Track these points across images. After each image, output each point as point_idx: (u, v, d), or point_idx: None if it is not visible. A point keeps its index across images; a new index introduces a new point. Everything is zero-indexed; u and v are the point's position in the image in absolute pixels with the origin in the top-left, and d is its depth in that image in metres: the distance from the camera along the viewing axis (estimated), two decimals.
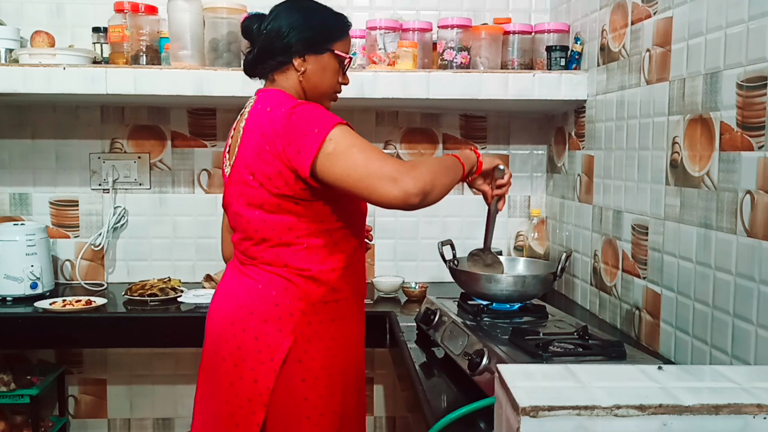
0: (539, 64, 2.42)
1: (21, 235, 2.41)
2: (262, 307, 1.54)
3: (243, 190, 1.56)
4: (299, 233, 1.53)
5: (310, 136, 1.44)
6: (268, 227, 1.54)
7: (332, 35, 1.61)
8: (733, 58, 1.45)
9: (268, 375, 1.51)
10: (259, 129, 1.52)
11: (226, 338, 1.57)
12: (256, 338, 1.53)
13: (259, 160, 1.51)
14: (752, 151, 1.38)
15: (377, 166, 1.40)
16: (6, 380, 2.45)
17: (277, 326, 1.52)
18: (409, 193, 1.38)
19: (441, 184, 1.47)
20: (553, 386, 0.93)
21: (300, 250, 1.54)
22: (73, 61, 2.28)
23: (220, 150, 2.70)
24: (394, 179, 1.38)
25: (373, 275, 2.73)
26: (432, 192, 1.43)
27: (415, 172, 1.40)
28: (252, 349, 1.53)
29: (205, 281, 2.56)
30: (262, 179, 1.51)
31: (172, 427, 2.82)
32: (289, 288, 1.54)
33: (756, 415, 0.87)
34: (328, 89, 1.64)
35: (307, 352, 1.54)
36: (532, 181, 2.79)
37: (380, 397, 2.85)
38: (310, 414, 1.54)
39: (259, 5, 2.41)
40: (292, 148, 1.46)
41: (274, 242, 1.55)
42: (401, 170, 1.39)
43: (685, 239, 1.64)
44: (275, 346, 1.52)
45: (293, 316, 1.53)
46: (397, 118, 2.75)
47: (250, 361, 1.52)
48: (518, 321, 1.73)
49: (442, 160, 1.56)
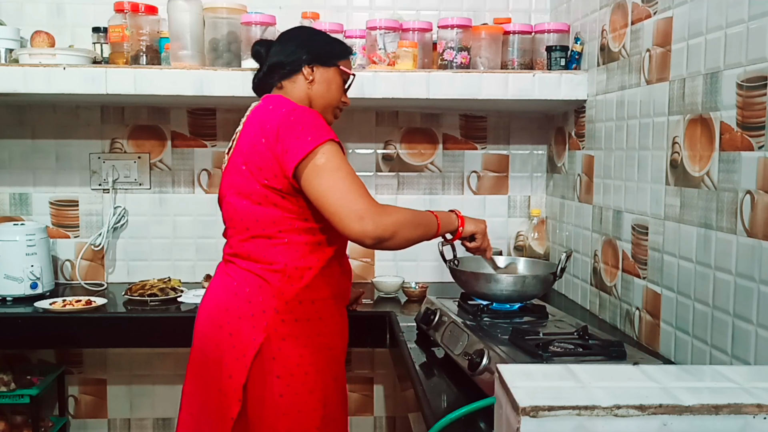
0: (539, 64, 2.42)
1: (21, 235, 2.41)
2: (236, 304, 1.60)
3: (235, 179, 1.63)
4: (282, 227, 1.59)
5: (301, 140, 1.51)
6: (253, 217, 1.60)
7: (337, 54, 1.75)
8: (733, 58, 1.45)
9: (241, 371, 1.57)
10: (258, 122, 1.60)
11: (208, 335, 1.64)
12: (231, 334, 1.59)
13: (253, 151, 1.58)
14: (752, 151, 1.38)
15: (352, 198, 1.49)
16: (6, 380, 2.45)
17: (250, 323, 1.58)
18: (366, 234, 1.48)
19: (403, 237, 1.56)
20: (553, 386, 0.93)
21: (280, 243, 1.59)
22: (73, 61, 2.28)
23: (220, 150, 2.70)
24: (360, 217, 1.47)
25: (373, 275, 2.73)
26: (390, 240, 1.52)
27: (381, 218, 1.49)
28: (228, 345, 1.59)
29: (205, 281, 2.56)
30: (252, 169, 1.58)
31: (172, 427, 2.82)
32: (262, 286, 1.59)
33: (756, 415, 0.87)
34: (332, 100, 1.73)
35: (282, 349, 1.58)
36: (532, 181, 2.79)
37: (380, 397, 2.85)
38: (287, 411, 1.58)
39: (259, 5, 2.43)
40: (281, 145, 1.53)
41: (256, 233, 1.60)
42: (371, 212, 1.48)
43: (685, 239, 1.64)
44: (247, 342, 1.57)
45: (266, 314, 1.58)
46: (397, 118, 2.75)
47: (226, 358, 1.59)
48: (518, 321, 1.73)
49: (418, 216, 1.64)
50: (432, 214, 1.69)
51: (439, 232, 1.70)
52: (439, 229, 1.69)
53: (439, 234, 1.72)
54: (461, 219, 1.75)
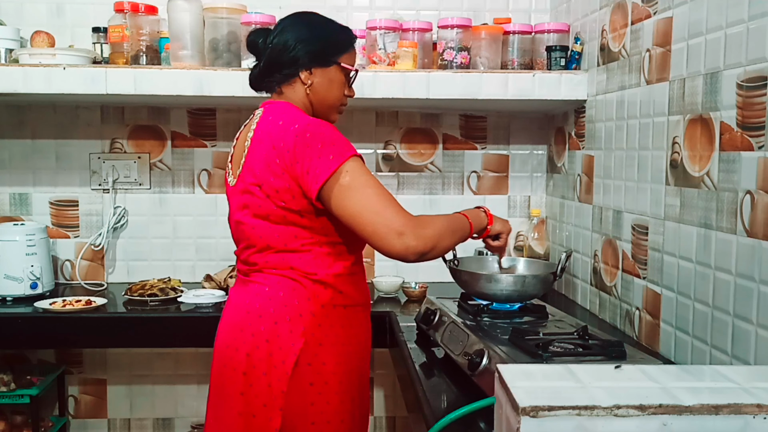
0: (539, 64, 2.42)
1: (21, 235, 2.41)
2: (271, 308, 1.52)
3: (249, 200, 1.55)
4: (304, 241, 1.53)
5: (323, 159, 1.43)
6: (273, 235, 1.53)
7: (338, 48, 1.62)
8: (733, 58, 1.45)
9: (281, 378, 1.49)
10: (269, 141, 1.51)
11: (235, 347, 1.53)
12: (268, 341, 1.50)
13: (268, 172, 1.50)
14: (752, 151, 1.38)
15: (388, 215, 1.42)
16: (6, 380, 2.45)
17: (288, 327, 1.50)
18: (410, 251, 1.42)
19: (443, 246, 1.51)
20: (553, 386, 0.93)
21: (304, 255, 1.53)
22: (73, 61, 2.28)
23: (220, 150, 2.70)
24: (400, 233, 1.41)
25: (373, 275, 2.73)
26: (431, 252, 1.47)
27: (421, 230, 1.44)
28: (264, 352, 1.50)
29: (205, 281, 2.56)
30: (269, 191, 1.50)
31: (172, 427, 2.82)
32: (297, 288, 1.52)
33: (756, 415, 0.87)
34: (334, 101, 1.64)
35: (318, 355, 1.51)
36: (532, 181, 2.79)
37: (380, 397, 2.85)
38: (316, 420, 1.51)
39: (259, 5, 2.43)
40: (301, 166, 1.45)
41: (279, 248, 1.54)
42: (409, 226, 1.42)
43: (685, 239, 1.64)
44: (287, 348, 1.49)
45: (303, 317, 1.51)
46: (397, 118, 2.75)
47: (262, 366, 1.50)
48: (518, 321, 1.73)
49: (452, 222, 1.58)
50: (463, 216, 1.64)
51: (472, 233, 1.66)
52: (472, 230, 1.65)
53: (472, 235, 1.67)
54: (490, 217, 1.71)
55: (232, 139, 1.68)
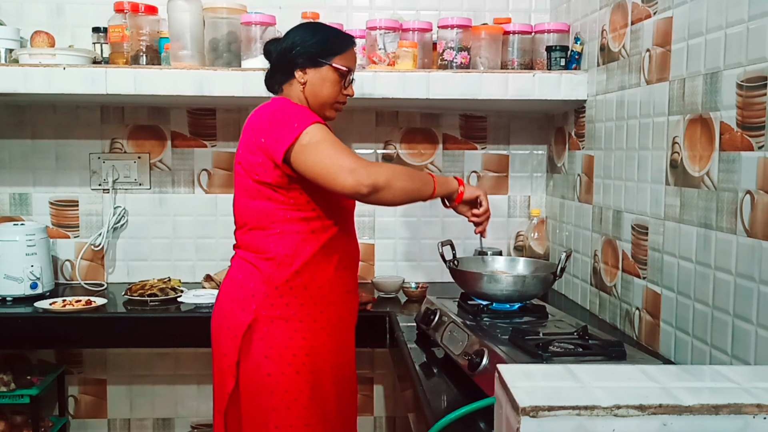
0: (539, 64, 2.42)
1: (21, 235, 2.41)
2: (231, 290, 1.76)
3: (236, 179, 1.77)
4: (275, 219, 1.70)
5: (288, 127, 1.62)
6: (250, 212, 1.74)
7: (332, 51, 1.78)
8: (733, 58, 1.45)
9: (232, 349, 1.71)
10: (251, 124, 1.73)
11: (214, 320, 1.81)
12: (225, 317, 1.75)
13: (247, 150, 1.70)
14: (752, 151, 1.38)
15: (341, 157, 1.59)
16: (6, 380, 2.45)
17: (240, 306, 1.72)
18: (360, 183, 1.57)
19: (398, 186, 1.64)
20: (553, 386, 0.93)
21: (272, 234, 1.71)
22: (73, 61, 2.28)
23: (220, 150, 2.70)
24: (351, 170, 1.57)
25: (373, 275, 2.73)
26: (385, 189, 1.60)
27: (372, 168, 1.60)
28: (223, 326, 1.75)
29: (205, 281, 2.56)
30: (246, 167, 1.71)
31: (172, 427, 2.82)
32: (254, 273, 1.72)
33: (756, 415, 0.87)
34: (328, 98, 1.79)
35: (270, 331, 1.70)
36: (532, 181, 2.79)
37: (380, 397, 2.85)
38: (275, 389, 1.69)
39: (259, 5, 2.43)
40: (271, 137, 1.64)
41: (252, 225, 1.74)
42: (361, 164, 1.59)
43: (685, 239, 1.64)
44: (238, 323, 1.71)
45: (255, 297, 1.71)
46: (397, 118, 2.75)
47: (223, 338, 1.75)
48: (518, 321, 1.73)
49: (412, 171, 1.74)
50: (427, 172, 1.75)
51: (437, 190, 1.74)
52: (436, 186, 1.74)
53: (437, 193, 1.75)
54: (460, 182, 1.80)
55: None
